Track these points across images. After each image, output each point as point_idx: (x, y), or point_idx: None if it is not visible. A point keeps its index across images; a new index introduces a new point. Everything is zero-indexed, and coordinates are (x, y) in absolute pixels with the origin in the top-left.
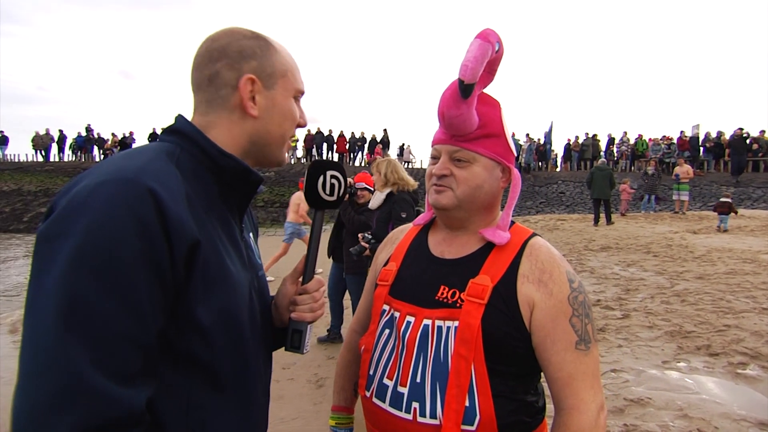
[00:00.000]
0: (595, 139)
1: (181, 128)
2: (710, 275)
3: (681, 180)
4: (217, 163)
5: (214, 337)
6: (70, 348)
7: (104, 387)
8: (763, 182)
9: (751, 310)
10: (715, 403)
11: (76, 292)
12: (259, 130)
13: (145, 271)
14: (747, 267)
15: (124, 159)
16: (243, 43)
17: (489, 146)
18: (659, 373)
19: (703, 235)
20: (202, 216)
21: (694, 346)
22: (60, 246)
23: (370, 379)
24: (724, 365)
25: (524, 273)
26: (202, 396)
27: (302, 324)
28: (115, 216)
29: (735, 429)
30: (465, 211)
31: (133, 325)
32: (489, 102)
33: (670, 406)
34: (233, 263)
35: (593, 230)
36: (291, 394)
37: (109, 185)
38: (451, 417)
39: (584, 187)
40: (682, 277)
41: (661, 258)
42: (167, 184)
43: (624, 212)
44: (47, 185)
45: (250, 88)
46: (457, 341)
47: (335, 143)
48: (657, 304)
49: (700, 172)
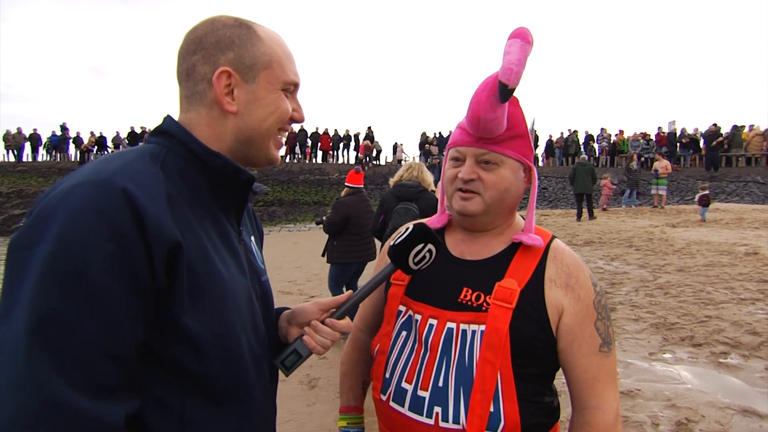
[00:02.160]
0: (577, 135)
1: (167, 128)
2: (690, 268)
3: (660, 175)
4: (205, 163)
5: (204, 347)
6: (40, 363)
7: (77, 403)
8: (735, 176)
9: (729, 301)
10: (700, 392)
11: (46, 304)
12: (241, 128)
13: (119, 278)
14: (724, 259)
15: (104, 162)
16: (221, 33)
17: (516, 147)
18: (646, 364)
19: (681, 228)
20: (188, 219)
21: (679, 338)
22: (32, 256)
23: (387, 382)
24: (707, 355)
25: (551, 277)
26: (197, 410)
27: (306, 350)
28: (86, 221)
29: (720, 416)
30: (491, 216)
31: (107, 336)
32: (513, 101)
33: (659, 396)
34: (227, 269)
35: (576, 225)
36: (283, 396)
37: (81, 188)
38: (475, 423)
39: (567, 182)
40: (664, 270)
41: (643, 252)
42: (144, 185)
43: (605, 207)
44: (20, 186)
45: (226, 82)
46: (484, 346)
47: (319, 141)
48: (641, 297)
49: (677, 167)
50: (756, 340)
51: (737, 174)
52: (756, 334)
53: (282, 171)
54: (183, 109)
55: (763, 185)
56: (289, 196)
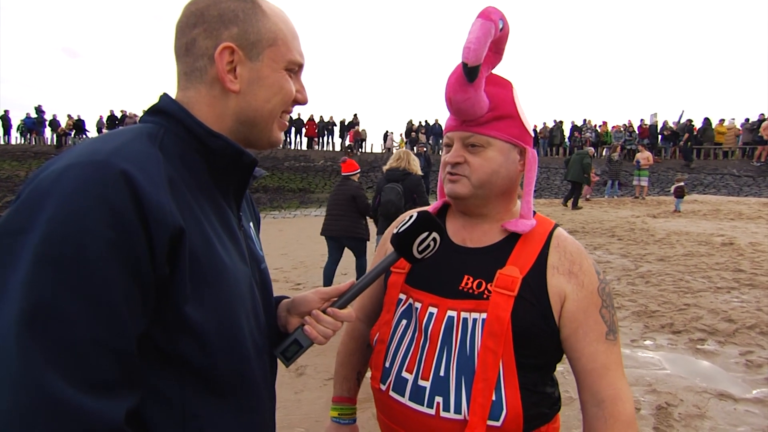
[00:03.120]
0: (562, 126)
1: (165, 107)
2: (670, 257)
3: (642, 166)
4: (206, 144)
5: (207, 338)
6: (35, 358)
7: (75, 400)
8: (713, 169)
9: (707, 290)
10: (679, 377)
11: (38, 293)
12: (243, 108)
13: (118, 266)
14: (702, 249)
15: (97, 142)
16: (224, 6)
17: (502, 128)
18: (629, 351)
19: (662, 219)
20: (189, 203)
21: (659, 325)
22: (22, 242)
23: (386, 371)
24: (686, 342)
25: (553, 264)
26: (199, 403)
27: (307, 340)
28: (83, 204)
29: (698, 400)
30: (482, 199)
31: (106, 328)
32: (499, 83)
33: (640, 382)
34: (229, 256)
35: (560, 215)
36: None
37: (76, 169)
38: (477, 411)
39: (551, 173)
40: (645, 259)
41: (625, 241)
42: (144, 167)
43: (588, 197)
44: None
45: (228, 59)
46: (485, 334)
47: (305, 127)
48: (623, 286)
49: (657, 159)
50: (731, 327)
51: (714, 167)
52: (731, 321)
53: (267, 157)
54: (181, 87)
55: (738, 177)
56: (273, 183)
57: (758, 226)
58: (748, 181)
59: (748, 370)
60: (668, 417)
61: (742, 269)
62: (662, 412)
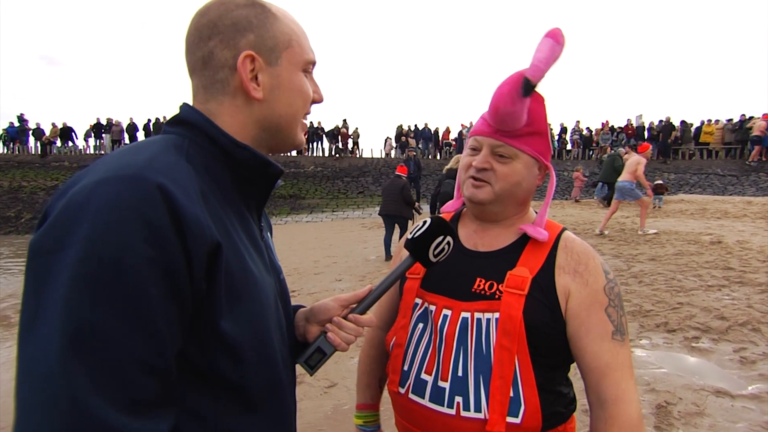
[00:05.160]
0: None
1: (188, 118)
2: (661, 257)
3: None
4: (231, 156)
5: (241, 352)
6: (80, 381)
7: (116, 421)
8: (698, 169)
9: (698, 288)
10: (677, 375)
11: (80, 315)
12: (267, 115)
13: (158, 283)
14: (692, 248)
15: (127, 154)
16: (236, 14)
17: (533, 144)
18: None
19: (651, 218)
20: (220, 216)
21: (654, 324)
22: (59, 260)
23: (405, 374)
24: (681, 340)
25: (561, 264)
26: (231, 419)
27: (330, 347)
28: (119, 220)
29: (696, 398)
30: (500, 206)
31: (147, 348)
32: (537, 98)
33: (639, 381)
34: (257, 268)
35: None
36: None
37: (110, 184)
38: (496, 409)
39: None
40: (636, 259)
41: (617, 242)
42: (178, 180)
43: (577, 198)
44: None
45: (250, 67)
46: (499, 333)
47: None
48: None
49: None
50: (724, 324)
51: (699, 166)
52: (724, 318)
53: None
54: (199, 101)
55: (723, 177)
56: None
57: (744, 224)
58: (732, 180)
59: (742, 366)
60: (668, 416)
61: (732, 267)
62: (662, 411)
